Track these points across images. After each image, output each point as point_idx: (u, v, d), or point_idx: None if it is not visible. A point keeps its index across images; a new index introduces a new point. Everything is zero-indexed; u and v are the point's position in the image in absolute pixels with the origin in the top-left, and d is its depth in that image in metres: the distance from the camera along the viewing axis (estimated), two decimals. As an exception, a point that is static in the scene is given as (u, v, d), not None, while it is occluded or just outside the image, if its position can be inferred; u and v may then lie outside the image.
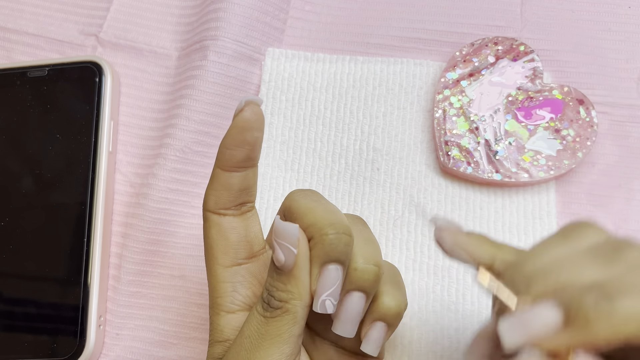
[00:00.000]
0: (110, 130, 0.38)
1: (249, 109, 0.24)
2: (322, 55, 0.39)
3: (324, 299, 0.24)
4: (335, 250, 0.23)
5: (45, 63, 0.40)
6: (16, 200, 0.37)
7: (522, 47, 0.38)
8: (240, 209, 0.26)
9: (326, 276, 0.24)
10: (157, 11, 0.42)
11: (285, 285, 0.24)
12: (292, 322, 0.24)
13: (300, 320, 0.24)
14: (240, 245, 0.26)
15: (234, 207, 0.26)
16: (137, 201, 0.37)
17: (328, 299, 0.24)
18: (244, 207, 0.26)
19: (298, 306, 0.24)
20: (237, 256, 0.26)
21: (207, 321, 0.35)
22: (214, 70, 0.38)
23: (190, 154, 0.37)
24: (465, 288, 0.34)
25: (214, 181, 0.26)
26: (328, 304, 0.24)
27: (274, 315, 0.24)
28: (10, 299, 0.35)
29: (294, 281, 0.24)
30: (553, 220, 0.35)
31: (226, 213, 0.26)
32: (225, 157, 0.25)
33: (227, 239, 0.26)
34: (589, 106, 0.36)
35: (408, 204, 0.36)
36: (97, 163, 0.37)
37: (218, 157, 0.25)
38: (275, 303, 0.24)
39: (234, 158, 0.25)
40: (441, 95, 0.37)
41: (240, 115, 0.24)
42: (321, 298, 0.24)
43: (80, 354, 0.34)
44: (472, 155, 0.35)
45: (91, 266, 0.35)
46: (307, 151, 0.38)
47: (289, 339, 0.24)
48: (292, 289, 0.24)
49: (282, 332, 0.24)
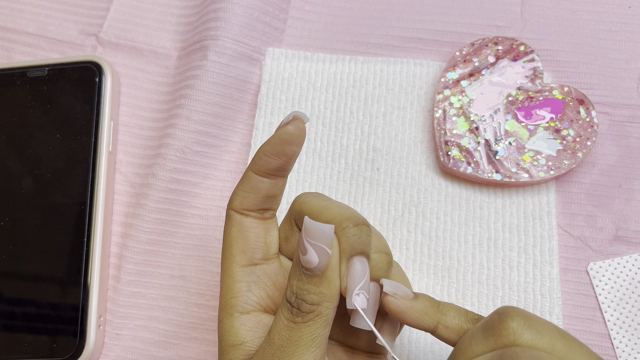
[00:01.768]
0: (110, 130, 0.38)
1: (294, 124, 0.25)
2: (322, 55, 0.39)
3: (357, 293, 0.23)
4: (358, 241, 0.23)
5: (45, 63, 0.40)
6: (16, 200, 0.37)
7: (522, 47, 0.37)
8: (262, 213, 0.27)
9: (354, 270, 0.23)
10: (157, 11, 0.42)
11: (317, 287, 0.23)
12: (325, 324, 0.23)
13: (330, 322, 0.24)
14: (257, 246, 0.26)
15: (257, 211, 0.27)
16: (137, 201, 0.38)
17: (361, 292, 0.23)
18: (267, 213, 0.27)
19: (330, 308, 0.23)
20: (254, 256, 0.26)
21: (207, 321, 0.35)
22: (214, 70, 0.38)
23: (190, 154, 0.37)
24: (465, 288, 0.34)
25: (244, 182, 0.26)
26: (362, 298, 0.23)
27: (306, 319, 0.23)
28: (10, 299, 0.35)
29: (326, 283, 0.23)
30: (553, 220, 0.35)
31: (249, 214, 0.26)
32: (261, 162, 0.26)
33: (246, 238, 0.26)
34: (589, 106, 0.36)
35: (408, 204, 0.36)
36: (97, 163, 0.37)
37: (253, 160, 0.26)
38: (307, 307, 0.23)
39: (269, 165, 0.26)
40: (441, 95, 0.37)
41: (285, 128, 0.25)
42: (354, 293, 0.23)
43: (80, 354, 0.34)
44: (472, 155, 0.35)
45: (91, 266, 0.35)
46: (307, 151, 0.38)
47: (321, 342, 0.23)
48: (325, 290, 0.23)
49: (315, 337, 0.23)
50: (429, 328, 0.24)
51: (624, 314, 0.33)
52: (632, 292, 0.33)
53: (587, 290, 0.34)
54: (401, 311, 0.24)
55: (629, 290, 0.34)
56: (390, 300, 0.24)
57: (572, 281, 0.34)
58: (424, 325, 0.24)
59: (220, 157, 0.38)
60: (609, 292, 0.34)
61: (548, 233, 0.35)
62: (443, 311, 0.25)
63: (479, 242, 0.35)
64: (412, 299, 0.24)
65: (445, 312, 0.25)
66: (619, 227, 0.35)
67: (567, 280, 0.34)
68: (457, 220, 0.35)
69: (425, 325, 0.24)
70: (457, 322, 0.24)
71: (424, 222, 0.35)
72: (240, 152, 0.39)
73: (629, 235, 0.35)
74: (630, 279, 0.34)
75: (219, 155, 0.38)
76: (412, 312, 0.24)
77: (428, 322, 0.24)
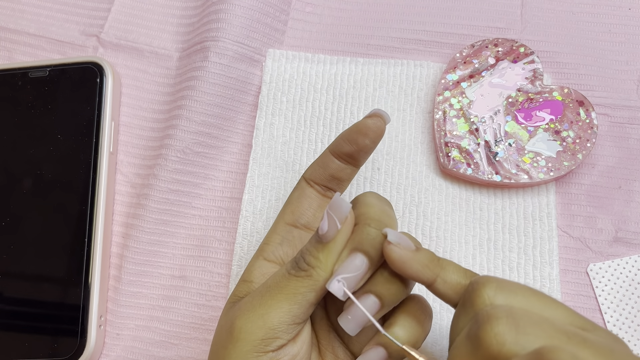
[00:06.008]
0: (111, 131, 0.38)
1: (374, 119, 0.28)
2: (322, 57, 0.39)
3: (338, 280, 0.24)
4: (366, 240, 0.25)
5: (47, 63, 0.40)
6: (17, 201, 0.37)
7: (522, 48, 0.38)
8: (325, 191, 0.30)
9: (350, 261, 0.25)
10: (158, 12, 0.42)
11: (318, 252, 0.25)
12: (310, 287, 0.25)
13: (318, 290, 0.25)
14: (306, 213, 0.29)
15: (321, 186, 0.30)
16: (137, 202, 0.38)
17: (341, 281, 0.24)
18: (329, 192, 0.30)
19: (321, 276, 0.25)
20: (298, 220, 0.29)
21: (208, 321, 0.35)
22: (214, 71, 0.38)
23: (191, 155, 0.38)
24: (465, 289, 0.34)
25: (320, 157, 0.30)
26: (338, 287, 0.24)
27: (298, 274, 0.25)
28: (11, 299, 0.36)
29: (326, 252, 0.25)
30: (553, 221, 0.35)
31: (313, 186, 0.30)
32: (335, 144, 0.29)
33: (300, 203, 0.29)
34: (589, 108, 0.36)
35: (409, 204, 0.36)
36: (98, 163, 0.37)
37: (333, 141, 0.29)
38: (303, 265, 0.25)
39: (342, 149, 0.29)
40: (441, 96, 0.37)
41: (364, 120, 0.28)
42: (335, 278, 0.24)
43: (81, 354, 0.34)
44: (472, 157, 0.36)
45: (92, 266, 0.35)
46: (308, 152, 0.38)
47: (301, 301, 0.25)
48: (322, 258, 0.25)
49: (298, 292, 0.25)
50: (427, 281, 0.24)
51: (623, 315, 0.33)
52: (631, 294, 0.33)
53: (587, 292, 0.34)
54: (402, 261, 0.24)
55: (628, 291, 0.34)
56: (393, 249, 0.24)
57: (572, 282, 0.34)
58: (423, 277, 0.24)
59: (221, 157, 0.39)
60: (609, 293, 0.34)
61: (548, 234, 0.35)
62: (443, 266, 0.25)
63: (479, 243, 0.35)
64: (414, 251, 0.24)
65: (445, 266, 0.25)
66: (619, 229, 0.35)
67: (567, 282, 0.34)
68: (458, 221, 0.36)
69: (424, 277, 0.24)
70: (456, 277, 0.24)
71: (425, 222, 0.36)
72: (240, 153, 0.39)
73: (628, 237, 0.35)
74: (630, 280, 0.34)
75: (219, 156, 0.38)
76: (413, 262, 0.24)
77: (427, 275, 0.24)
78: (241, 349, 0.25)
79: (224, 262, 0.36)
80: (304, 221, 0.29)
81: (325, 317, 0.29)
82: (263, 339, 0.25)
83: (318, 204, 0.30)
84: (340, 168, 0.29)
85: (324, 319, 0.29)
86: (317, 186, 0.30)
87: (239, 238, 0.36)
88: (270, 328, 0.25)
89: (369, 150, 0.29)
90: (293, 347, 0.26)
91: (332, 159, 0.29)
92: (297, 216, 0.29)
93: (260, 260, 0.29)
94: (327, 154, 0.29)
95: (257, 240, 0.36)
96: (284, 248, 0.29)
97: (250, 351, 0.25)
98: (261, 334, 0.25)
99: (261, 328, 0.25)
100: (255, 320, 0.25)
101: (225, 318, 0.27)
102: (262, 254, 0.29)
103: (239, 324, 0.25)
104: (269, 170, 0.37)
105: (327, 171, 0.29)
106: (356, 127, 0.28)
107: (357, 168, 0.30)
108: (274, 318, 0.25)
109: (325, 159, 0.29)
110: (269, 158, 0.38)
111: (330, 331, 0.28)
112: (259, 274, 0.28)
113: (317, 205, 0.30)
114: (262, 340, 0.25)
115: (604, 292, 0.34)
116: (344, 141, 0.28)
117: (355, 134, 0.28)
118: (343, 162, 0.29)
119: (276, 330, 0.25)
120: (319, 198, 0.30)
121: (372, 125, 0.28)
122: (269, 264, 0.28)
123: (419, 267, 0.24)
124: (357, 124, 0.28)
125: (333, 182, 0.29)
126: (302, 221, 0.29)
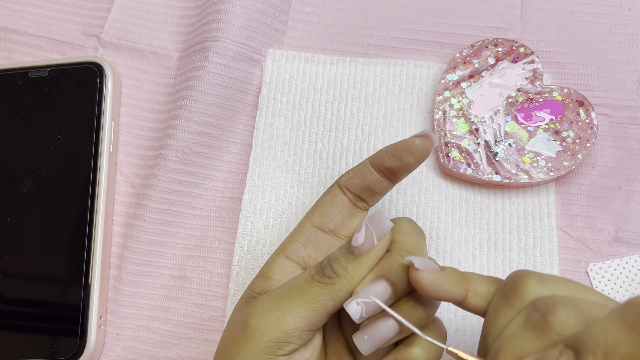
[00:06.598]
0: (111, 131, 0.38)
1: (422, 139, 0.27)
2: (322, 57, 0.39)
3: (356, 301, 0.24)
4: (395, 270, 0.25)
5: (47, 64, 0.40)
6: (17, 201, 0.37)
7: (522, 48, 0.38)
8: (357, 201, 0.29)
9: (373, 286, 0.25)
10: (158, 12, 0.42)
11: (347, 263, 0.25)
12: (331, 296, 0.25)
13: (337, 301, 0.25)
14: (334, 219, 0.29)
15: (353, 194, 0.29)
16: (137, 202, 0.38)
17: (361, 304, 0.24)
18: (360, 202, 0.29)
19: (345, 286, 0.25)
20: (326, 224, 0.29)
21: (208, 321, 0.35)
22: (214, 71, 0.38)
23: (191, 155, 0.38)
24: (465, 289, 0.34)
25: (358, 166, 0.29)
26: (356, 309, 0.24)
27: (322, 281, 0.25)
28: (11, 299, 0.36)
29: (357, 265, 0.25)
30: (553, 221, 0.35)
31: (346, 193, 0.29)
32: (378, 156, 0.28)
33: (330, 208, 0.29)
34: (589, 108, 0.36)
35: (409, 204, 0.36)
36: (98, 163, 0.37)
37: (376, 153, 0.29)
38: (329, 272, 0.25)
39: (382, 162, 0.28)
40: (441, 96, 0.37)
41: (413, 139, 0.27)
42: (355, 299, 0.24)
43: (81, 354, 0.34)
44: (472, 157, 0.36)
45: (92, 266, 0.35)
46: (308, 152, 0.38)
47: (319, 308, 0.25)
48: (351, 270, 0.25)
49: (317, 299, 0.25)
50: (459, 298, 0.24)
51: (623, 315, 0.33)
52: (631, 294, 0.33)
53: (587, 291, 0.34)
54: (434, 284, 0.24)
55: (628, 291, 0.34)
56: (423, 275, 0.24)
57: (572, 282, 0.34)
58: (456, 295, 0.24)
59: (221, 158, 0.39)
60: (609, 293, 0.34)
61: (548, 234, 0.35)
62: (469, 279, 0.25)
63: (479, 243, 0.35)
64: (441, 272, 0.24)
65: (471, 279, 0.25)
66: (619, 229, 0.35)
67: (567, 281, 0.34)
68: (458, 220, 0.36)
69: (457, 295, 0.24)
70: (484, 286, 0.24)
71: (425, 222, 0.36)
72: (241, 153, 0.39)
73: (628, 237, 0.35)
74: (630, 280, 0.34)
75: (219, 156, 0.39)
76: (445, 283, 0.24)
77: (459, 292, 0.24)
78: (252, 349, 0.25)
79: (224, 262, 0.36)
80: (331, 226, 0.29)
81: (337, 324, 0.28)
82: (276, 342, 0.24)
83: (348, 211, 0.29)
84: (378, 181, 0.28)
85: (335, 325, 0.28)
86: (349, 194, 0.29)
87: (239, 238, 0.36)
88: (284, 332, 0.24)
89: (411, 169, 0.28)
90: (304, 352, 0.25)
91: (370, 170, 0.28)
92: (325, 220, 0.29)
93: (282, 258, 0.28)
94: (366, 164, 0.29)
95: (257, 240, 0.36)
96: (307, 250, 0.28)
97: (261, 352, 0.24)
98: (275, 337, 0.24)
99: (276, 331, 0.24)
100: (270, 321, 0.25)
101: (239, 314, 0.26)
102: (284, 251, 0.28)
103: (254, 323, 0.25)
104: (269, 170, 0.37)
105: (363, 181, 0.28)
106: (403, 143, 0.27)
107: (394, 184, 0.29)
108: (290, 322, 0.25)
109: (364, 169, 0.29)
110: (269, 158, 0.38)
111: (340, 338, 0.28)
112: (278, 271, 0.28)
113: (347, 212, 0.29)
114: (275, 343, 0.24)
115: (604, 292, 0.34)
116: (388, 155, 0.28)
117: (401, 150, 0.27)
118: (381, 175, 0.28)
119: (290, 335, 0.25)
120: (350, 206, 0.29)
121: (420, 145, 0.27)
122: (290, 262, 0.28)
123: (451, 286, 0.24)
124: (404, 140, 0.28)
125: (366, 193, 0.29)
126: (329, 226, 0.29)
